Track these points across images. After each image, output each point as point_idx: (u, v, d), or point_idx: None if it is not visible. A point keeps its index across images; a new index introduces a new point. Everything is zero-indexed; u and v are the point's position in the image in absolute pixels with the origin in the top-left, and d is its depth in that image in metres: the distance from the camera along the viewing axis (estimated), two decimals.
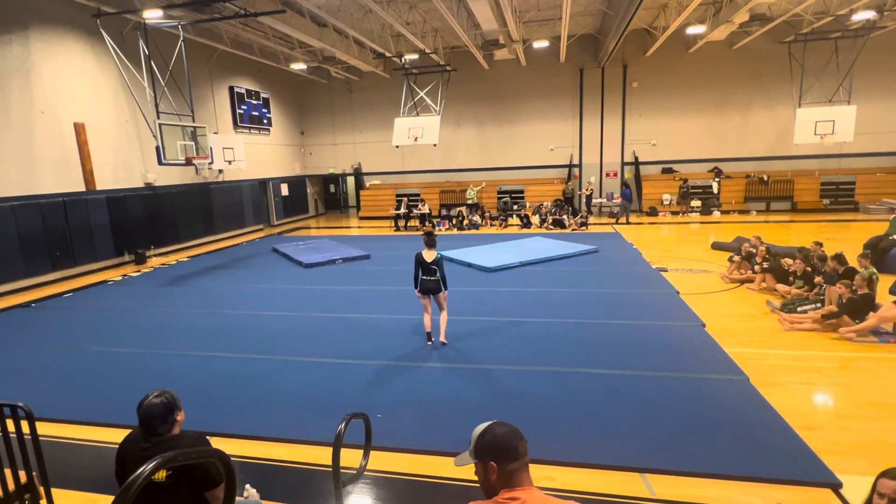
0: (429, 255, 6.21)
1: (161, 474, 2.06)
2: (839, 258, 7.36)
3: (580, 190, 19.66)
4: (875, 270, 7.14)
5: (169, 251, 14.84)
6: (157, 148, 10.90)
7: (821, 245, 8.44)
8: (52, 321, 8.48)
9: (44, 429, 4.57)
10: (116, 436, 2.37)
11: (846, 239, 12.56)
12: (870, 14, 13.50)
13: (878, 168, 18.12)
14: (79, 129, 11.93)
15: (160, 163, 11.07)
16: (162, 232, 14.56)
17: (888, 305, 6.36)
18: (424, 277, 6.27)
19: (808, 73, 15.63)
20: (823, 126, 14.49)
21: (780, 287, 8.17)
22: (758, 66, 18.17)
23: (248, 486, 3.52)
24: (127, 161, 13.44)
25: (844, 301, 6.46)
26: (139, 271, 12.32)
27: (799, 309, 7.09)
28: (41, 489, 3.18)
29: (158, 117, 10.99)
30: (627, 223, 17.11)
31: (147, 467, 1.32)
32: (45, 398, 5.47)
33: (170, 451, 1.47)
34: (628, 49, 18.74)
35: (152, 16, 10.88)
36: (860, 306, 6.35)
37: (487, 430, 1.70)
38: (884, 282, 7.19)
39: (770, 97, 18.35)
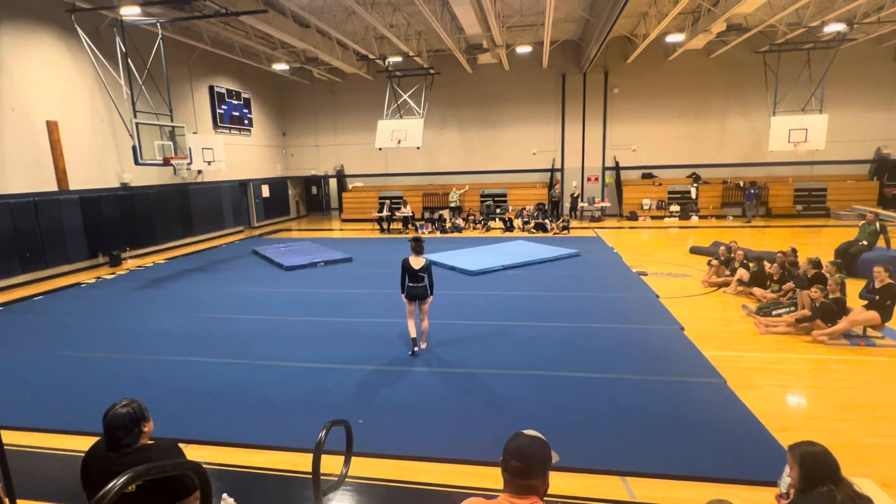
0: (416, 262, 6.09)
1: (131, 485, 1.99)
2: (814, 263, 7.55)
3: (564, 194, 19.87)
4: (844, 275, 7.35)
5: (145, 253, 14.50)
6: (134, 147, 10.64)
7: (796, 252, 8.67)
8: (20, 325, 8.20)
9: (10, 437, 4.42)
10: (87, 444, 2.29)
11: (818, 244, 12.92)
12: (840, 26, 13.94)
13: (849, 175, 18.71)
14: (51, 127, 11.60)
15: (137, 163, 10.80)
16: (138, 233, 14.23)
17: (859, 309, 6.55)
18: (411, 284, 6.14)
19: (782, 83, 16.05)
20: (797, 134, 14.90)
21: (757, 291, 8.36)
22: (734, 75, 18.62)
23: (224, 495, 3.44)
24: (102, 160, 13.11)
25: (818, 305, 6.63)
26: (114, 273, 12.01)
27: (774, 313, 7.25)
28: (6, 501, 3.06)
29: (135, 116, 10.73)
30: (749, 222, 17.40)
31: (118, 482, 1.27)
32: (12, 405, 5.29)
33: (140, 463, 1.42)
34: (609, 56, 19.01)
35: (130, 12, 10.64)
36: (833, 310, 6.52)
37: (518, 434, 1.77)
38: (854, 286, 7.40)
39: (746, 105, 18.81)
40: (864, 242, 9.70)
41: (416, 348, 6.30)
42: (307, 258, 12.39)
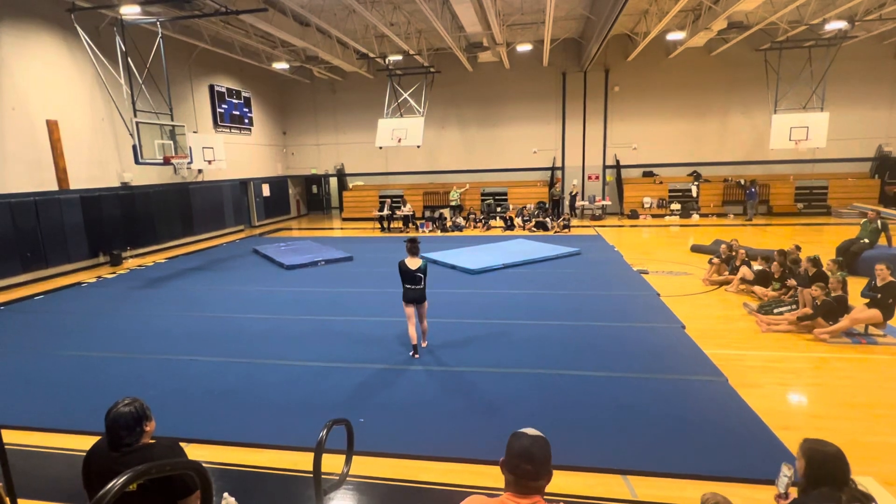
0: (413, 263, 5.94)
1: (132, 484, 1.99)
2: (814, 261, 7.54)
3: (564, 193, 19.85)
4: (845, 273, 7.34)
5: (146, 252, 14.51)
6: (134, 147, 10.65)
7: (799, 249, 8.66)
8: (21, 324, 8.20)
9: (11, 437, 4.42)
10: (88, 443, 2.29)
11: (819, 242, 12.90)
12: (842, 24, 13.90)
13: (850, 173, 18.67)
14: (52, 127, 11.59)
15: (137, 162, 10.81)
16: (139, 232, 14.23)
17: (860, 307, 6.54)
18: (409, 286, 5.99)
19: (783, 81, 16.02)
20: (798, 132, 14.87)
21: (758, 289, 8.34)
22: (735, 73, 18.58)
23: (226, 494, 3.43)
24: (102, 160, 13.10)
25: (819, 303, 6.62)
26: (114, 273, 12.01)
27: (775, 311, 7.24)
28: (7, 500, 3.05)
29: (135, 115, 10.73)
30: (750, 221, 17.33)
31: (118, 481, 1.27)
32: (14, 405, 5.30)
33: (141, 462, 1.42)
34: (610, 54, 18.98)
35: (129, 11, 10.62)
36: (834, 308, 6.51)
37: (519, 434, 1.76)
38: (856, 284, 7.38)
39: (747, 103, 18.77)
40: (866, 240, 9.68)
41: (416, 355, 6.16)
42: (308, 257, 12.39)
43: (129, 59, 10.76)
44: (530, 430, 1.76)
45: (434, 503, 3.61)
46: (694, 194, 19.18)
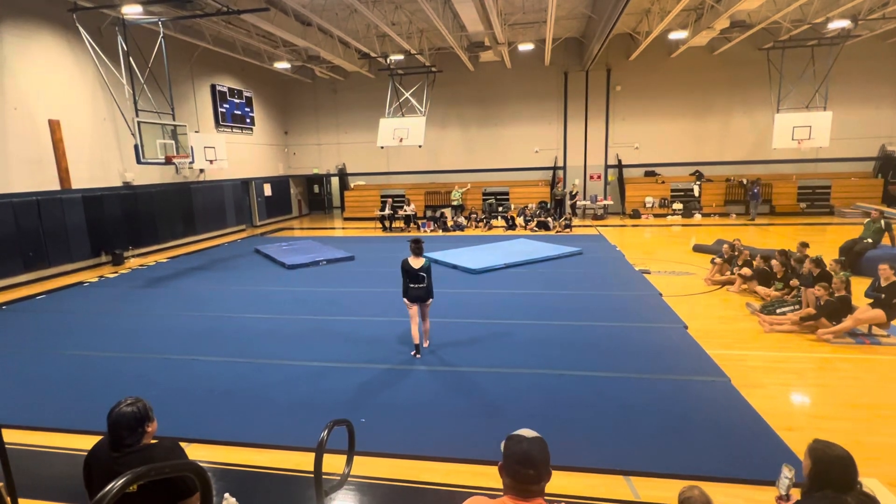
0: (416, 262, 6.00)
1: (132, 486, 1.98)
2: (817, 261, 7.51)
3: (565, 190, 19.83)
4: (849, 272, 7.31)
5: (148, 252, 14.52)
6: (136, 146, 10.66)
7: (806, 246, 8.62)
8: (23, 324, 8.22)
9: (12, 436, 4.42)
10: (90, 443, 2.30)
11: (822, 242, 12.84)
12: (845, 23, 13.85)
13: (853, 173, 18.61)
14: (54, 127, 11.61)
15: (139, 161, 10.82)
16: (140, 232, 14.25)
17: (864, 308, 6.51)
18: (413, 285, 6.02)
19: (785, 80, 15.98)
20: (801, 131, 14.81)
21: (760, 289, 8.32)
22: (738, 72, 18.53)
23: (227, 494, 3.42)
24: (104, 159, 13.12)
25: (822, 303, 6.59)
26: (116, 272, 12.03)
27: (778, 311, 7.21)
28: (8, 500, 3.05)
29: (137, 115, 10.74)
30: (753, 220, 17.32)
31: (117, 483, 1.26)
32: (15, 404, 5.30)
33: (142, 463, 1.41)
34: (612, 53, 18.94)
35: (131, 11, 10.62)
36: (838, 308, 6.48)
37: (517, 438, 1.73)
38: (859, 284, 7.35)
39: (749, 102, 18.72)
40: (869, 240, 9.65)
41: (418, 355, 6.17)
42: (309, 257, 12.39)
43: (131, 59, 10.77)
44: (527, 432, 1.72)
45: (435, 503, 3.60)
46: (696, 194, 19.13)
